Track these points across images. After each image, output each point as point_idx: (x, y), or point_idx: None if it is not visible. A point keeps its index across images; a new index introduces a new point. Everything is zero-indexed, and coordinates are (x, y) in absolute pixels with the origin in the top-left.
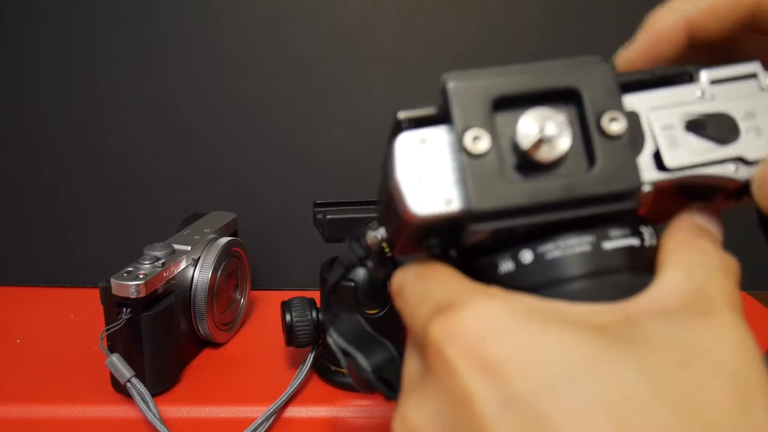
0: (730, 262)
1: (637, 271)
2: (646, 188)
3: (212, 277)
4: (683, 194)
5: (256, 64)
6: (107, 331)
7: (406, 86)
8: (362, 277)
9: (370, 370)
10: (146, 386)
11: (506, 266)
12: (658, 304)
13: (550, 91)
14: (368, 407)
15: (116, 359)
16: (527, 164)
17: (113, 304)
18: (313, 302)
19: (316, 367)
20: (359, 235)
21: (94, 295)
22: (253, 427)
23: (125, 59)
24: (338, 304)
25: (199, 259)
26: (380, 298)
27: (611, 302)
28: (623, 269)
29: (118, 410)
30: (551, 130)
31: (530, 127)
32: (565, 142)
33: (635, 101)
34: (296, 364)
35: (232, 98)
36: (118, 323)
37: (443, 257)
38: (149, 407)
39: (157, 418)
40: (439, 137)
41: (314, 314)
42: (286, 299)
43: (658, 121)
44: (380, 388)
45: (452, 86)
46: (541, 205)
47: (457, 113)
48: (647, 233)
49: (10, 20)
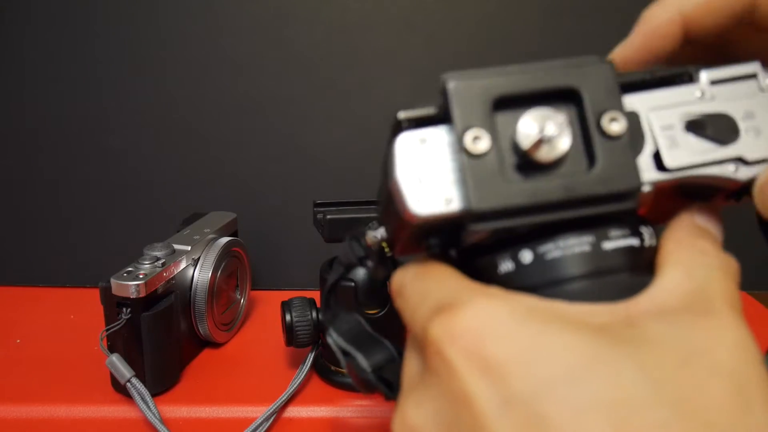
0: (730, 262)
1: (636, 271)
2: (645, 188)
3: (212, 277)
4: (683, 194)
5: (256, 64)
6: (107, 331)
7: (406, 86)
8: (362, 276)
9: (369, 369)
10: (146, 386)
11: (506, 266)
12: (658, 304)
13: (550, 91)
14: (368, 407)
15: (116, 359)
16: (527, 164)
17: (113, 304)
18: (313, 302)
19: (316, 367)
20: (359, 235)
21: (94, 295)
22: (253, 427)
23: (125, 59)
24: (338, 303)
25: (199, 259)
26: (380, 298)
27: (611, 302)
28: (623, 269)
29: (118, 410)
30: (551, 130)
31: (530, 127)
32: (565, 142)
33: (635, 101)
34: (296, 364)
35: (232, 98)
36: (118, 323)
37: (443, 257)
38: (149, 407)
39: (157, 418)
40: (439, 137)
41: (314, 314)
42: (286, 299)
43: (658, 121)
44: (380, 387)
45: (452, 86)
46: (540, 205)
47: (457, 113)
48: (647, 233)
49: (10, 20)
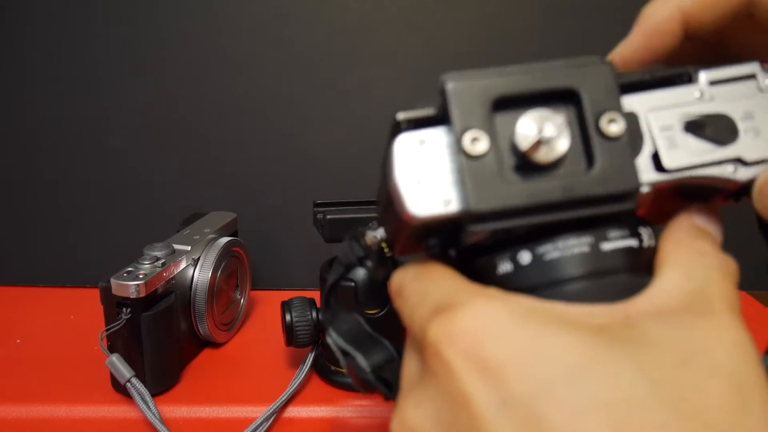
0: (728, 263)
1: (635, 272)
2: (644, 189)
3: (212, 277)
4: (682, 195)
5: (256, 64)
6: (107, 331)
7: (406, 86)
8: (362, 276)
9: (369, 370)
10: (146, 386)
11: (505, 267)
12: (656, 304)
13: (548, 91)
14: (368, 407)
15: (116, 359)
16: (526, 165)
17: (113, 304)
18: (313, 302)
19: (316, 367)
20: (358, 235)
21: (94, 295)
22: (253, 427)
23: (125, 59)
24: (338, 304)
25: (199, 259)
26: (380, 298)
27: (610, 303)
28: (622, 270)
29: (118, 410)
30: (550, 131)
31: (529, 128)
32: (563, 143)
33: (634, 102)
34: (296, 364)
35: (232, 98)
36: (118, 323)
37: (443, 257)
38: (149, 407)
39: (157, 418)
40: (438, 138)
41: (314, 314)
42: (286, 299)
43: (656, 122)
44: (379, 388)
45: (451, 87)
46: (539, 205)
47: (455, 114)
48: (646, 234)
49: (10, 20)
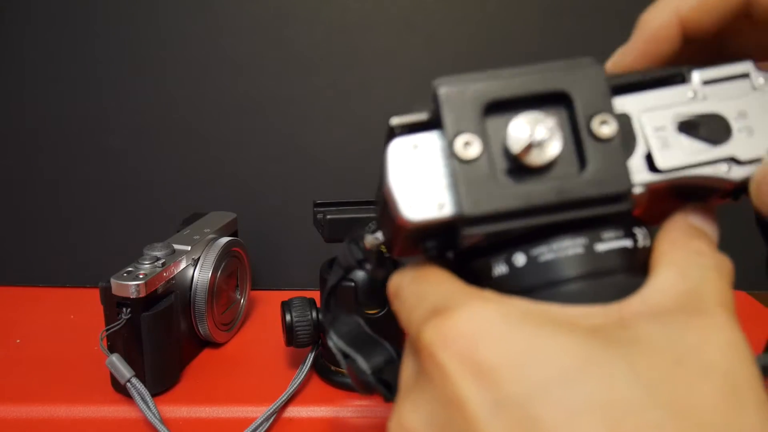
0: (724, 262)
1: (631, 272)
2: (637, 190)
3: (212, 277)
4: (678, 195)
5: (256, 64)
6: (107, 331)
7: (406, 86)
8: (362, 277)
9: (369, 371)
10: (146, 386)
11: (500, 269)
12: (651, 305)
13: (540, 94)
14: (368, 407)
15: (116, 359)
16: (519, 168)
17: (113, 304)
18: (313, 302)
19: (316, 367)
20: (358, 238)
21: (94, 295)
22: (253, 427)
23: (125, 59)
24: (338, 306)
25: (199, 259)
26: (380, 298)
27: (605, 304)
28: (617, 271)
29: (118, 410)
30: (541, 134)
31: (520, 131)
32: (555, 146)
33: (627, 103)
34: (296, 364)
35: (232, 98)
36: (118, 323)
37: (440, 260)
38: (149, 407)
39: (157, 418)
40: (431, 143)
41: (314, 314)
42: (286, 299)
43: (650, 122)
44: (379, 389)
45: (443, 92)
46: (533, 208)
47: (447, 119)
48: (641, 234)
49: (10, 20)
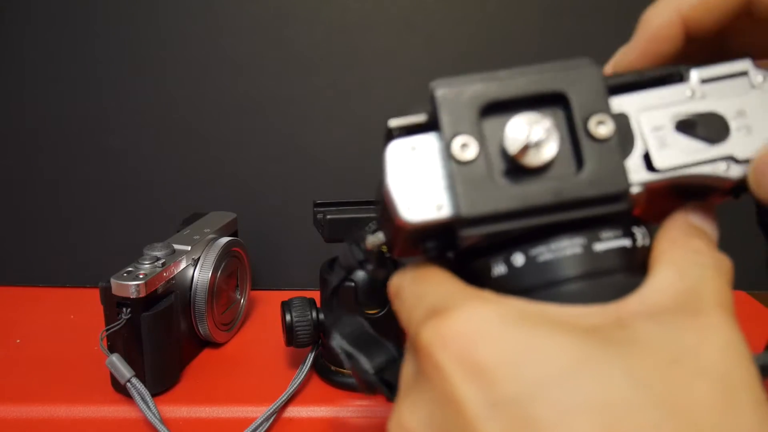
0: (723, 261)
1: (630, 271)
2: (635, 189)
3: (212, 277)
4: (677, 194)
5: (256, 64)
6: (107, 331)
7: (406, 86)
8: (362, 277)
9: (372, 371)
10: (146, 386)
11: (499, 269)
12: (648, 304)
13: (537, 95)
14: (368, 407)
15: (116, 359)
16: (516, 169)
17: (113, 304)
18: (313, 302)
19: (316, 367)
20: (358, 238)
21: (94, 295)
22: (253, 427)
23: (125, 59)
24: (340, 306)
25: (199, 259)
26: (380, 298)
27: (603, 303)
28: (616, 270)
29: (118, 410)
30: (538, 134)
31: (517, 132)
32: (551, 147)
33: (625, 103)
34: (296, 364)
35: (232, 98)
36: (118, 323)
37: (441, 260)
38: (149, 407)
39: (157, 418)
40: (429, 144)
41: (314, 314)
42: (286, 299)
43: (648, 122)
44: (382, 389)
45: (440, 94)
46: (530, 209)
47: (445, 121)
48: (640, 234)
49: (10, 20)
